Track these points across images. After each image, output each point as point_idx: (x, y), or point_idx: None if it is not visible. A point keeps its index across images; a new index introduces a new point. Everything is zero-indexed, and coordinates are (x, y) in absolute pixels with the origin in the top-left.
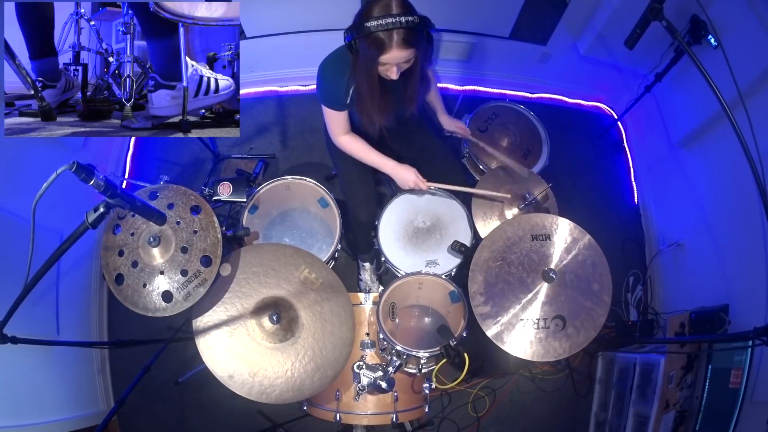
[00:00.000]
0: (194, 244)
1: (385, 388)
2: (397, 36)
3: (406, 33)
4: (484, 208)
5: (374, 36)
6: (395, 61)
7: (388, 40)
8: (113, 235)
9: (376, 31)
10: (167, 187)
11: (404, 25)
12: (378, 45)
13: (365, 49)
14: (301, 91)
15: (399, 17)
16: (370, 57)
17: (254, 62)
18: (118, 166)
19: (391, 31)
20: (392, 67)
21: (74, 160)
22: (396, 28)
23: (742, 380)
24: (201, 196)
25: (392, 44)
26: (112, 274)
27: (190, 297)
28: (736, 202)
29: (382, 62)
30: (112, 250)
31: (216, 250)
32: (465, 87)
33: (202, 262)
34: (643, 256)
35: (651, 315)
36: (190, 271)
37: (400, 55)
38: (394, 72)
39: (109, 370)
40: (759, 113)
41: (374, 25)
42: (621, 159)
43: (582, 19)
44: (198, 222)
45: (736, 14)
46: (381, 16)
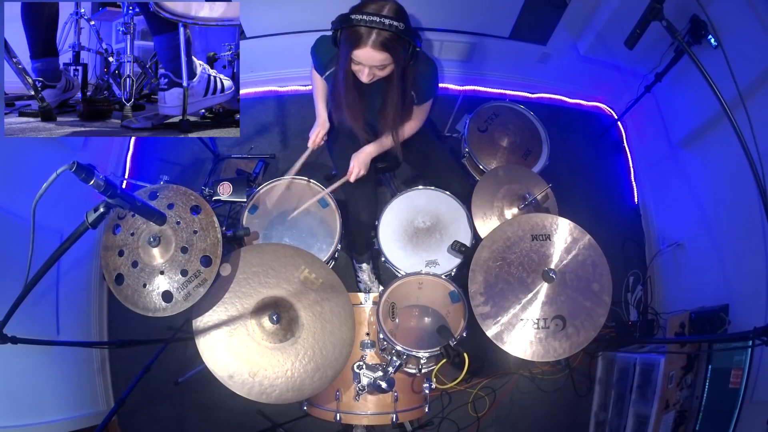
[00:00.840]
0: (194, 244)
1: (385, 388)
2: (376, 36)
3: (385, 36)
4: (484, 208)
5: (354, 29)
6: (368, 61)
7: (366, 36)
8: (113, 235)
9: (357, 24)
10: (167, 187)
11: (385, 27)
12: (355, 39)
13: (344, 41)
14: (301, 91)
15: (384, 18)
16: (345, 50)
17: (254, 62)
18: (118, 166)
19: (371, 29)
20: (364, 68)
21: (74, 160)
22: (376, 27)
23: (742, 380)
24: (201, 196)
25: (368, 42)
26: (113, 274)
27: (190, 297)
28: (736, 202)
29: (355, 59)
30: (112, 250)
31: (216, 250)
32: (465, 87)
33: (202, 262)
34: (643, 256)
35: (651, 315)
36: (190, 271)
37: (373, 56)
38: (365, 73)
39: (109, 370)
40: (759, 113)
41: (357, 18)
42: (621, 159)
43: (582, 19)
44: (198, 222)
45: (736, 14)
46: (369, 13)
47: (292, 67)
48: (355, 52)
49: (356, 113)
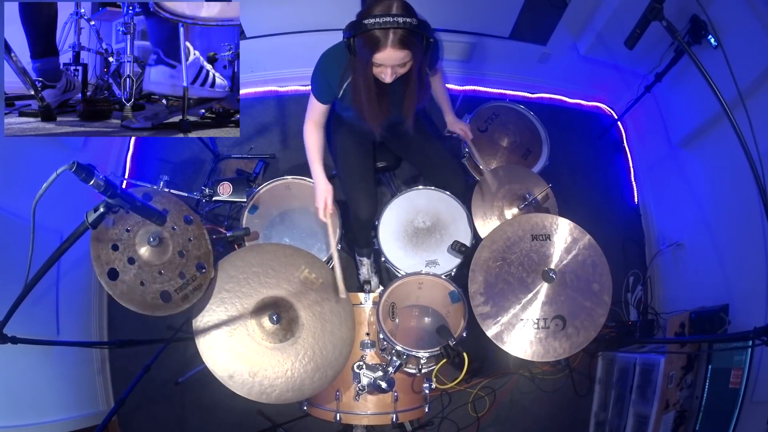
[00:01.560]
0: (190, 250)
1: (385, 388)
2: (393, 35)
3: (402, 33)
4: (484, 208)
5: (370, 33)
6: (390, 62)
7: (384, 38)
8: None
9: (372, 28)
10: (161, 192)
11: (401, 25)
12: (373, 43)
13: (361, 47)
14: (301, 91)
15: (397, 17)
16: (365, 55)
17: (254, 62)
18: (118, 166)
19: (387, 30)
20: (386, 69)
21: (74, 160)
22: (393, 27)
23: (742, 380)
24: (193, 209)
25: (387, 43)
26: (104, 267)
27: (188, 299)
28: (736, 202)
29: (376, 62)
30: (104, 242)
31: (209, 259)
32: (465, 87)
33: (197, 267)
34: (643, 256)
35: (651, 315)
36: (187, 275)
37: (394, 56)
38: (388, 74)
39: (109, 370)
40: (759, 113)
41: (371, 22)
42: (621, 159)
43: (582, 19)
44: (191, 231)
45: (736, 14)
46: (380, 15)
47: (292, 67)
48: (377, 55)
49: (379, 115)
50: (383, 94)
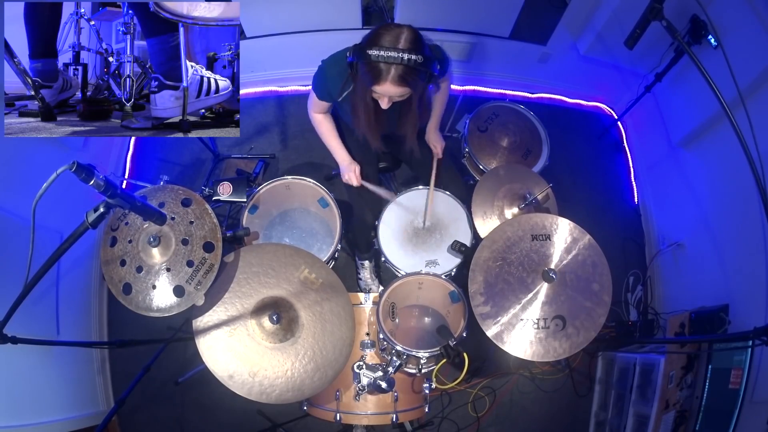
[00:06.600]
0: (193, 233)
1: (385, 388)
2: (395, 71)
3: (404, 70)
4: (484, 208)
5: (373, 64)
6: (387, 94)
7: (385, 72)
8: (111, 248)
9: (377, 61)
10: (155, 187)
11: (404, 62)
12: (374, 74)
13: (363, 74)
14: (301, 91)
15: (402, 53)
16: (365, 83)
17: (254, 62)
18: (118, 166)
19: (390, 65)
20: (383, 98)
21: (74, 160)
22: (395, 63)
23: (742, 380)
24: (189, 190)
25: (387, 78)
26: (119, 285)
27: (201, 285)
28: (736, 202)
29: (375, 91)
30: (113, 263)
31: (215, 235)
32: (465, 87)
33: (205, 249)
34: (643, 256)
35: (651, 315)
36: (195, 261)
37: (392, 90)
38: (385, 102)
39: (109, 370)
40: (759, 113)
41: (375, 55)
42: (621, 159)
43: (582, 19)
44: (192, 212)
45: (736, 14)
46: (386, 47)
47: (292, 67)
48: (376, 87)
49: (375, 131)
50: (382, 113)
